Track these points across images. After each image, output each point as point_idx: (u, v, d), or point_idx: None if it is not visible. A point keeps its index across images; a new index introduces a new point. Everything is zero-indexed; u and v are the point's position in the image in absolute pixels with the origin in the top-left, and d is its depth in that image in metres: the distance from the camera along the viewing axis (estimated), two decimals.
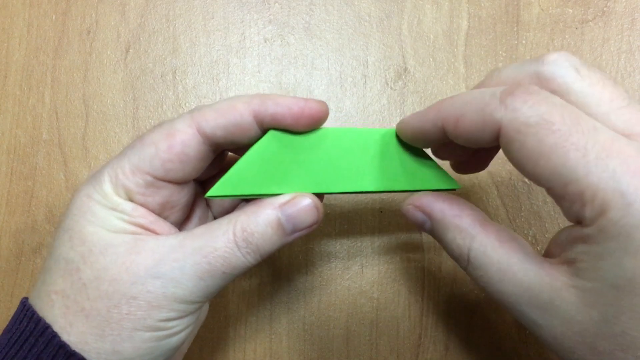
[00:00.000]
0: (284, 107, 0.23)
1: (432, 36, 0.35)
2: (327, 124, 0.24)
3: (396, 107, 0.35)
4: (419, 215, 0.23)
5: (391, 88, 0.35)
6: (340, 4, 0.36)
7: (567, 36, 0.35)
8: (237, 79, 0.35)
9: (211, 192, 0.23)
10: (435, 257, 0.34)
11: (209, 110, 0.23)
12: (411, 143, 0.25)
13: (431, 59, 0.35)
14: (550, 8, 0.35)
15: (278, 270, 0.34)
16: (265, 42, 0.36)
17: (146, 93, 0.35)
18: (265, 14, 0.36)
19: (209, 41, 0.36)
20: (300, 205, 0.23)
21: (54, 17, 0.36)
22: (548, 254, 0.22)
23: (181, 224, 0.27)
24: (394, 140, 0.26)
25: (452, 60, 0.35)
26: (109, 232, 0.22)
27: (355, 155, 0.25)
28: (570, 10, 0.35)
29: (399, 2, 0.36)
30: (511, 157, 0.19)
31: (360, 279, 0.34)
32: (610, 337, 0.18)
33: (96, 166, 0.35)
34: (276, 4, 0.36)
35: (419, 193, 0.24)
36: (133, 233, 0.22)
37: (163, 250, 0.22)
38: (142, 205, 0.23)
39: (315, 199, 0.23)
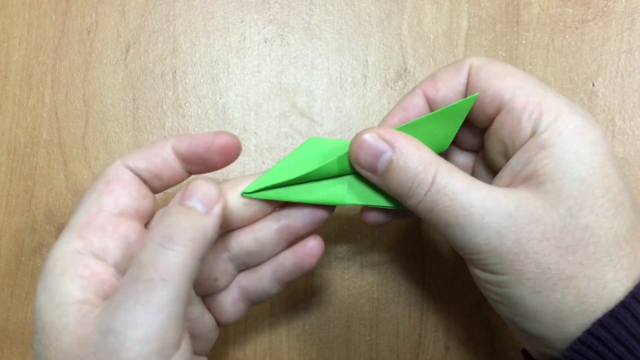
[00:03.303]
0: (197, 139, 0.24)
1: (432, 36, 0.35)
2: (326, 124, 0.24)
3: None
4: (380, 144, 0.23)
5: (391, 88, 0.35)
6: (340, 4, 0.36)
7: (567, 36, 0.35)
8: (237, 79, 0.35)
9: (247, 189, 0.25)
10: (435, 257, 0.34)
11: (134, 150, 0.25)
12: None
13: (431, 59, 0.35)
14: (550, 8, 0.35)
15: None
16: (265, 42, 0.36)
17: (146, 93, 0.35)
18: (265, 14, 0.36)
19: (209, 41, 0.36)
20: (193, 186, 0.22)
21: (54, 17, 0.36)
22: None
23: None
24: None
25: (452, 60, 0.35)
26: (58, 306, 0.20)
27: None
28: (570, 10, 0.35)
29: (399, 2, 0.36)
30: (478, 80, 0.23)
31: (360, 279, 0.34)
32: (574, 230, 0.21)
33: (96, 166, 0.35)
34: (276, 4, 0.36)
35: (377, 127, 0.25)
36: (80, 302, 0.20)
37: (107, 304, 0.20)
38: (100, 254, 0.22)
39: (205, 178, 0.23)
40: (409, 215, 0.27)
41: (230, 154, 0.25)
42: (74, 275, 0.20)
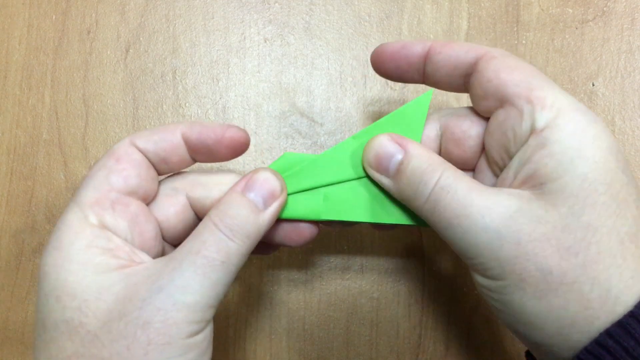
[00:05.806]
0: (208, 129, 0.24)
1: (432, 36, 0.35)
2: (326, 124, 0.24)
3: (396, 107, 0.35)
4: (393, 147, 0.24)
5: (391, 88, 0.35)
6: (340, 4, 0.36)
7: (567, 36, 0.35)
8: (237, 79, 0.35)
9: None
10: (435, 257, 0.34)
11: (144, 130, 0.25)
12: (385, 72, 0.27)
13: None
14: (550, 8, 0.35)
15: (278, 270, 0.34)
16: (265, 42, 0.36)
17: (146, 93, 0.35)
18: (265, 14, 0.36)
19: (209, 41, 0.36)
20: (260, 178, 0.23)
21: (54, 17, 0.36)
22: None
23: None
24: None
25: None
26: (95, 274, 0.21)
27: (358, 185, 0.25)
28: (570, 10, 0.35)
29: (399, 2, 0.36)
30: (487, 68, 0.23)
31: (360, 279, 0.34)
32: (575, 229, 0.20)
33: None
34: (276, 4, 0.36)
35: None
36: (119, 268, 0.21)
37: (156, 268, 0.21)
38: (114, 231, 0.22)
39: (272, 170, 0.24)
40: (391, 227, 0.27)
41: (238, 149, 0.25)
42: (101, 248, 0.22)
